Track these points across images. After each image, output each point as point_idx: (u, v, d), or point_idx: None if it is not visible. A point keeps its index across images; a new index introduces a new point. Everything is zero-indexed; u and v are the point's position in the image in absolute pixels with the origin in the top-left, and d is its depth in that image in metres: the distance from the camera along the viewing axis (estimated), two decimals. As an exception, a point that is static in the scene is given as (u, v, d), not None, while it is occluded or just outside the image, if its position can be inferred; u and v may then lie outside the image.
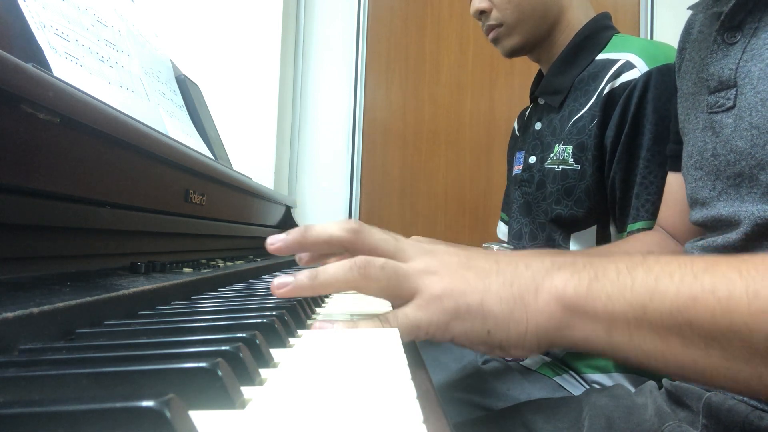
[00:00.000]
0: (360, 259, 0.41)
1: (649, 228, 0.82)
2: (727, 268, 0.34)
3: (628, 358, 0.38)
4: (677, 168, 0.69)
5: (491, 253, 0.45)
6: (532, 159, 1.01)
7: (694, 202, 0.61)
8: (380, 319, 0.40)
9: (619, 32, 0.97)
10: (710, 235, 0.59)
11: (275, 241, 0.45)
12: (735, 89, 0.53)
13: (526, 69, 2.03)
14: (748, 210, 0.51)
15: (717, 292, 0.33)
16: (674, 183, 0.73)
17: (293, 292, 0.42)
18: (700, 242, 0.60)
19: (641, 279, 0.37)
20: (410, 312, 0.40)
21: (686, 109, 0.62)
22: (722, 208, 0.55)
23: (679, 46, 0.69)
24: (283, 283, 0.42)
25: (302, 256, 0.50)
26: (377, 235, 0.44)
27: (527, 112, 1.12)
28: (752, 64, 0.51)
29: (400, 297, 0.42)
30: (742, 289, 0.33)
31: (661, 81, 0.83)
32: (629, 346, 0.37)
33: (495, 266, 0.42)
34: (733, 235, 0.54)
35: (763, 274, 0.33)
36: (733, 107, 0.53)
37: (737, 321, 0.33)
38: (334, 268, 0.41)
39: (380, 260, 0.41)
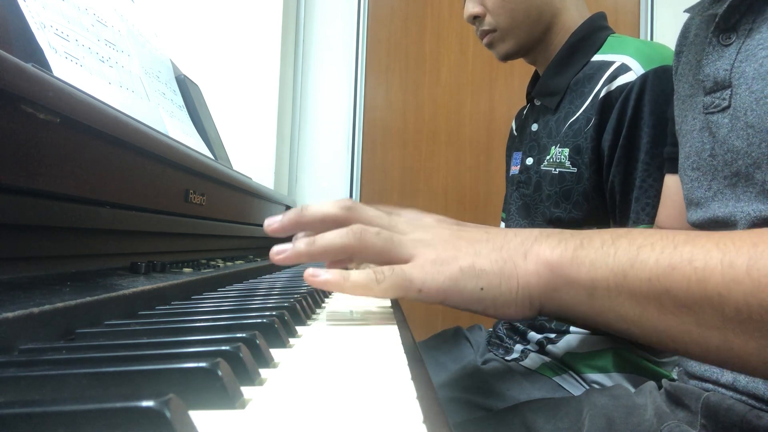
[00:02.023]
0: (356, 225, 0.43)
1: None
2: (706, 240, 0.36)
3: (608, 323, 0.40)
4: (675, 170, 0.70)
5: (481, 226, 0.47)
6: (529, 160, 1.00)
7: (690, 203, 0.61)
8: (374, 271, 0.41)
9: (614, 32, 0.96)
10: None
11: (272, 222, 0.47)
12: (730, 89, 0.53)
13: (526, 69, 2.02)
14: (744, 210, 0.52)
15: (694, 261, 0.35)
16: (672, 185, 0.73)
17: (291, 258, 0.43)
18: None
19: (624, 248, 0.38)
20: (406, 268, 0.41)
21: (683, 111, 0.63)
22: (718, 209, 0.55)
23: (676, 49, 0.70)
24: (281, 249, 0.44)
25: (299, 237, 0.51)
26: (371, 212, 0.46)
27: (524, 112, 1.12)
28: (746, 64, 0.52)
29: (395, 263, 0.43)
30: (717, 260, 0.34)
31: (658, 83, 0.82)
32: (609, 312, 0.39)
33: (485, 235, 0.44)
34: None
35: (739, 246, 0.34)
36: (728, 107, 0.53)
37: (711, 290, 0.34)
38: (331, 234, 0.43)
39: (375, 228, 0.43)
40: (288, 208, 1.47)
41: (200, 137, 0.98)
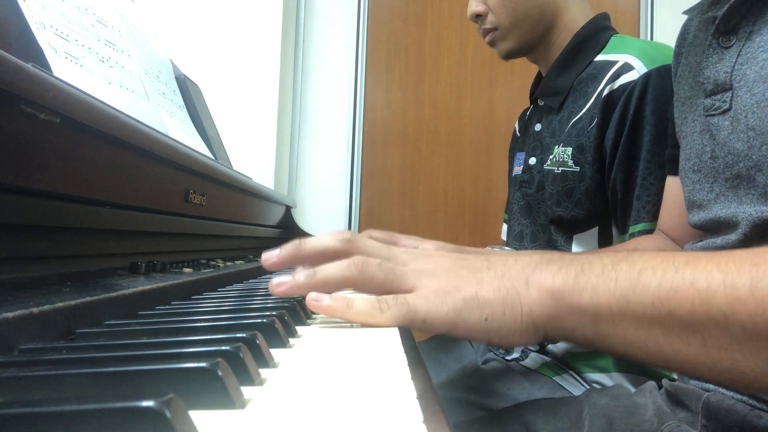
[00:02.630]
0: (358, 257, 0.43)
1: (651, 229, 0.82)
2: (707, 262, 0.36)
3: (614, 348, 0.40)
4: (675, 172, 0.70)
5: (482, 252, 0.47)
6: (532, 160, 1.01)
7: (692, 205, 0.61)
8: (378, 299, 0.41)
9: (617, 33, 0.96)
10: (709, 236, 0.59)
11: (270, 257, 0.46)
12: (731, 92, 0.53)
13: (526, 69, 2.03)
14: (746, 211, 0.52)
15: (696, 284, 0.35)
16: (673, 186, 0.73)
17: (291, 291, 0.43)
18: (699, 243, 0.60)
19: (625, 272, 0.38)
20: (409, 298, 0.41)
21: (683, 113, 0.63)
22: (720, 210, 0.55)
23: (675, 51, 0.70)
24: (281, 281, 0.43)
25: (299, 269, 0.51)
26: (370, 243, 0.46)
27: (528, 113, 1.12)
28: (747, 67, 0.52)
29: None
30: (719, 281, 0.34)
31: (660, 82, 0.83)
32: (614, 337, 0.39)
33: (486, 263, 0.44)
34: (732, 237, 0.54)
35: (740, 267, 0.34)
36: (729, 110, 0.53)
37: (715, 311, 0.34)
38: (332, 266, 0.42)
39: (377, 259, 0.43)
40: (288, 208, 1.47)
41: (200, 137, 0.98)
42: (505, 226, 1.21)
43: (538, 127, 1.02)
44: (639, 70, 0.85)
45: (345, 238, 0.46)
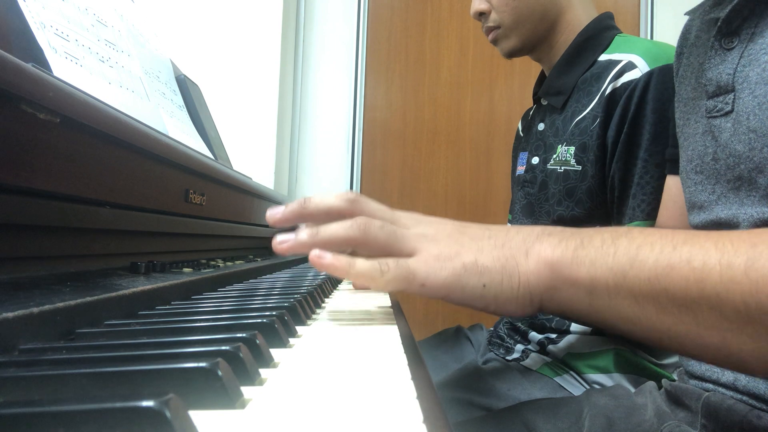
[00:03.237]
0: (361, 218, 0.43)
1: None
2: (705, 240, 0.36)
3: (607, 322, 0.40)
4: (676, 171, 0.70)
5: (483, 224, 0.48)
6: (535, 160, 1.01)
7: (692, 206, 0.61)
8: (380, 262, 0.41)
9: (621, 32, 0.96)
10: None
11: (275, 213, 0.47)
12: (733, 93, 0.53)
13: (526, 69, 2.03)
14: (747, 212, 0.52)
15: (692, 261, 0.35)
16: (673, 186, 0.73)
17: (294, 248, 0.44)
18: None
19: (624, 248, 0.38)
20: (410, 261, 0.42)
21: (685, 114, 0.63)
22: (721, 212, 0.55)
23: (677, 51, 0.70)
24: (284, 239, 0.44)
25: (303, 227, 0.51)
26: (374, 205, 0.47)
27: (531, 113, 1.12)
28: (750, 69, 0.52)
29: (398, 257, 0.43)
30: (715, 260, 0.34)
31: (662, 81, 0.83)
32: (608, 311, 0.39)
33: (487, 231, 0.45)
34: None
35: (737, 246, 0.34)
36: (731, 111, 0.53)
37: (709, 290, 0.34)
38: (335, 226, 0.43)
39: (379, 221, 0.44)
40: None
41: (200, 137, 0.98)
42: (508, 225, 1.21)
43: (541, 126, 1.02)
44: (642, 68, 0.85)
45: (350, 198, 0.46)
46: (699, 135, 0.59)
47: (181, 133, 0.86)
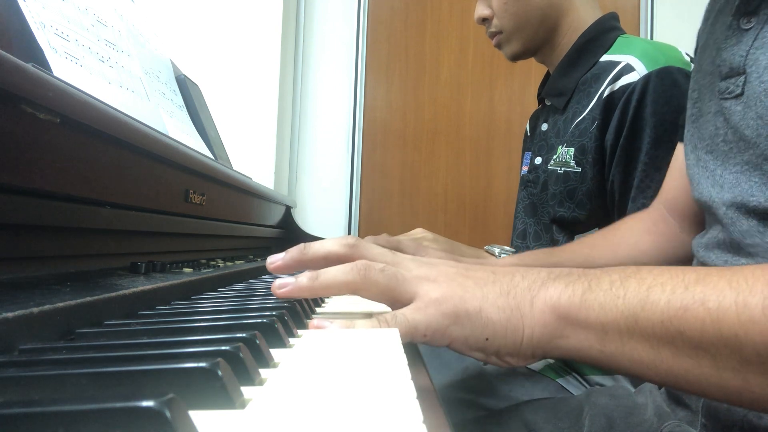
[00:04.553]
0: (361, 261, 0.42)
1: None
2: (718, 279, 0.35)
3: (621, 367, 0.39)
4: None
5: (488, 265, 0.46)
6: (538, 160, 1.01)
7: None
8: (378, 319, 0.40)
9: (625, 33, 0.96)
10: (712, 225, 0.58)
11: (274, 260, 0.46)
12: (744, 76, 0.52)
13: (526, 69, 2.03)
14: (755, 196, 0.51)
15: (707, 302, 0.34)
16: (682, 154, 0.69)
17: (293, 293, 0.43)
18: (704, 239, 0.59)
19: (633, 289, 0.37)
20: (409, 313, 0.40)
21: (703, 87, 0.61)
22: (727, 194, 0.54)
23: (705, 15, 0.66)
24: (283, 283, 0.43)
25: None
26: (375, 249, 0.45)
27: (537, 113, 1.13)
28: (761, 52, 0.50)
29: (398, 301, 0.42)
30: (731, 300, 0.33)
31: (660, 85, 0.82)
32: (621, 356, 0.38)
33: (492, 276, 0.42)
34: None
35: (752, 285, 0.33)
36: (741, 95, 0.52)
37: (726, 331, 0.33)
38: (335, 270, 0.42)
39: (380, 264, 0.42)
40: (288, 208, 1.47)
41: (200, 137, 0.98)
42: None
43: (544, 126, 1.02)
44: (640, 71, 0.85)
45: (349, 243, 0.45)
46: (711, 114, 0.57)
47: (181, 133, 0.86)
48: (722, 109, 0.55)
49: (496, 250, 0.99)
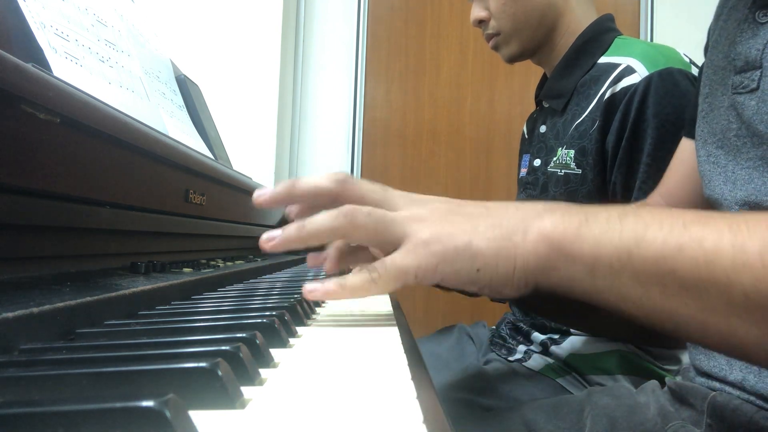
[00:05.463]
0: (347, 207, 0.41)
1: None
2: (719, 221, 0.34)
3: (609, 302, 0.38)
4: (693, 135, 0.66)
5: (483, 202, 0.46)
6: (537, 162, 1.01)
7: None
8: (368, 269, 0.40)
9: (622, 34, 0.96)
10: None
11: (263, 193, 0.45)
12: (760, 71, 0.51)
13: (526, 69, 2.03)
14: (767, 192, 0.50)
15: (704, 242, 0.33)
16: (688, 149, 0.69)
17: (282, 244, 0.42)
18: None
19: (630, 226, 0.37)
20: (398, 258, 0.40)
21: (713, 82, 0.60)
22: (739, 190, 0.53)
23: (716, 12, 0.65)
24: (271, 236, 0.42)
25: (291, 209, 0.49)
26: (365, 186, 0.45)
27: (534, 115, 1.12)
28: None
29: (388, 243, 0.42)
30: (728, 242, 0.33)
31: (662, 85, 0.82)
32: (609, 291, 0.38)
33: (484, 210, 0.42)
34: None
35: (752, 229, 0.33)
36: (756, 89, 0.51)
37: (719, 272, 0.33)
38: (320, 217, 0.41)
39: (367, 207, 0.42)
40: (288, 208, 1.46)
41: (200, 137, 0.98)
42: None
43: (543, 128, 1.02)
44: (641, 73, 0.84)
45: (339, 179, 0.44)
46: (724, 109, 0.57)
47: (181, 133, 0.86)
48: (735, 103, 0.54)
49: None
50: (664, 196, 0.76)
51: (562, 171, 0.92)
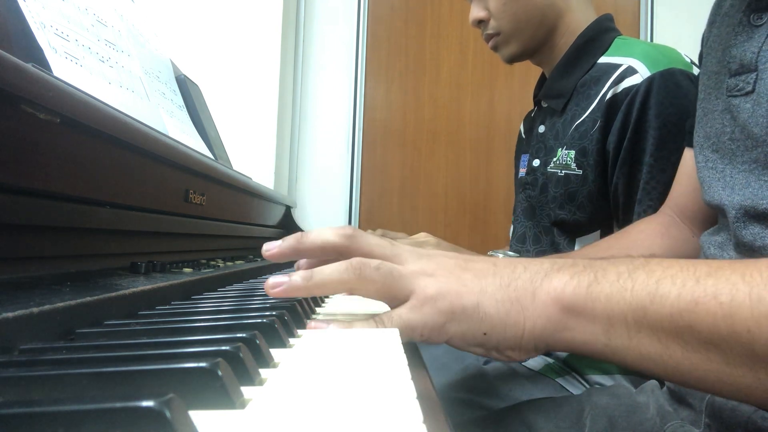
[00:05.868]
0: (356, 259, 0.41)
1: None
2: (731, 272, 0.34)
3: (627, 361, 0.38)
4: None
5: (490, 257, 0.45)
6: (536, 162, 1.01)
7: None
8: (375, 320, 0.40)
9: (621, 34, 0.96)
10: (722, 220, 0.58)
11: (271, 248, 0.45)
12: (755, 73, 0.51)
13: (526, 69, 2.03)
14: (764, 196, 0.50)
15: (719, 296, 0.33)
16: (690, 160, 0.70)
17: (287, 293, 0.42)
18: (717, 237, 0.59)
19: (642, 281, 0.36)
20: (404, 313, 0.40)
21: (708, 87, 0.60)
22: (736, 194, 0.53)
23: (709, 19, 0.66)
24: (277, 282, 0.41)
25: (301, 264, 0.50)
26: (373, 240, 0.44)
27: (532, 115, 1.12)
28: None
29: (395, 298, 0.41)
30: (744, 294, 0.32)
31: (664, 86, 0.82)
32: (627, 350, 0.37)
33: (492, 268, 0.41)
34: None
35: (766, 279, 0.32)
36: (752, 92, 0.51)
37: (739, 326, 0.32)
38: (329, 269, 0.41)
39: (375, 261, 0.41)
40: (288, 208, 1.47)
41: (200, 137, 0.98)
42: (512, 228, 1.21)
43: (541, 129, 1.02)
44: (642, 73, 0.84)
45: (347, 234, 0.44)
46: (718, 112, 0.57)
47: (181, 133, 0.86)
48: (729, 106, 0.54)
49: (500, 255, 0.98)
50: (675, 210, 0.76)
51: (563, 171, 0.92)
